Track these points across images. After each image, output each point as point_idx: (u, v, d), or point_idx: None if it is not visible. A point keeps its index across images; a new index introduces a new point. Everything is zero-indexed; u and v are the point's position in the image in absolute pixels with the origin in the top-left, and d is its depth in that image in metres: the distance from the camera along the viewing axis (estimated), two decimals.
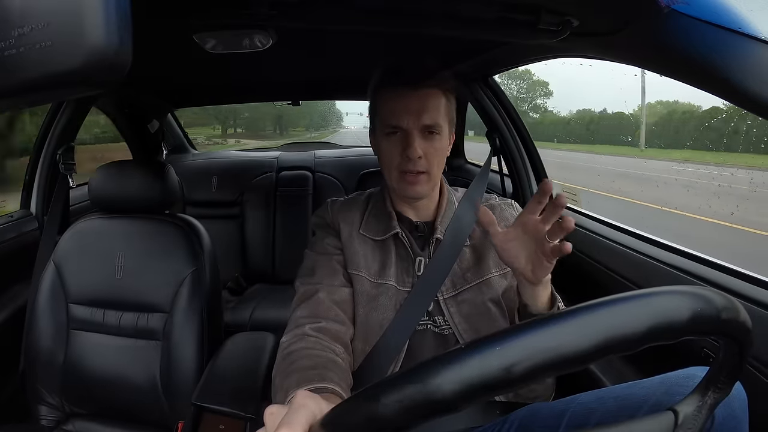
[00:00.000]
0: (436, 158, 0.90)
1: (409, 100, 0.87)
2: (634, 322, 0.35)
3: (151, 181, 1.27)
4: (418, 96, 0.88)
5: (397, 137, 0.89)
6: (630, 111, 14.03)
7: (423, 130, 0.88)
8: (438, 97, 0.89)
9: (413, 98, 0.88)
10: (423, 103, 0.87)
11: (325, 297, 0.90)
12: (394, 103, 0.89)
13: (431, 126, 0.88)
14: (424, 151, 0.88)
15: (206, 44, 1.00)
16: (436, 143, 0.89)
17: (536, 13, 0.73)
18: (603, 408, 0.69)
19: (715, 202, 5.53)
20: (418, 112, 0.87)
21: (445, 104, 0.91)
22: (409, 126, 0.88)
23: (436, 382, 0.34)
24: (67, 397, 1.24)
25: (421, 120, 0.87)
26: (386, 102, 0.90)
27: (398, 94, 0.88)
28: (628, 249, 1.19)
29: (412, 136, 0.88)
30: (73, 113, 1.54)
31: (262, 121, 11.16)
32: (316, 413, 0.42)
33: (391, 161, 0.90)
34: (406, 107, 0.87)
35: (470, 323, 0.91)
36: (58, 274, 1.26)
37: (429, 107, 0.88)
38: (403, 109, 0.88)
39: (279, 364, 0.80)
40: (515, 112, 1.75)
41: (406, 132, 0.88)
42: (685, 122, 9.44)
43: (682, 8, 0.57)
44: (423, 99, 0.88)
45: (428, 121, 0.88)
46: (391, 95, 0.89)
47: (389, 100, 0.90)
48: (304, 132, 15.00)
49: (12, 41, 0.26)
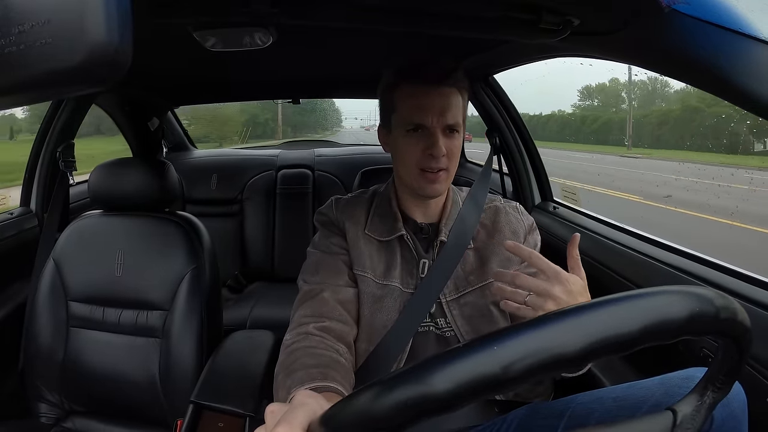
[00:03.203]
0: (455, 156, 0.90)
1: (432, 99, 0.87)
2: (631, 322, 0.35)
3: (151, 179, 1.27)
4: (440, 94, 0.88)
5: (419, 135, 0.89)
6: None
7: (445, 129, 0.88)
8: (456, 95, 0.90)
9: (436, 96, 0.88)
10: (446, 102, 0.88)
11: (329, 296, 0.90)
12: (417, 100, 0.88)
13: (453, 125, 0.89)
14: (446, 149, 0.88)
15: (207, 42, 0.99)
16: (456, 141, 0.90)
17: (537, 13, 0.73)
18: (602, 408, 0.69)
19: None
20: (442, 111, 0.87)
21: (462, 103, 0.91)
22: (433, 124, 0.87)
23: (433, 381, 0.34)
24: (66, 394, 1.24)
25: (444, 119, 0.88)
26: (407, 99, 0.90)
27: (420, 92, 0.88)
28: (627, 248, 1.19)
29: (436, 134, 0.87)
30: (73, 111, 1.54)
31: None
32: (317, 412, 0.43)
33: (412, 159, 0.89)
34: (430, 105, 0.87)
35: (472, 326, 0.91)
36: (57, 271, 1.26)
37: (451, 106, 0.88)
38: (427, 107, 0.87)
39: (282, 362, 0.80)
40: (515, 111, 1.74)
41: (430, 130, 0.88)
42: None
43: (682, 8, 0.57)
44: (445, 97, 0.88)
45: (451, 121, 0.88)
46: (413, 92, 0.89)
47: (411, 96, 0.89)
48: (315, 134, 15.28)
49: (12, 38, 0.26)
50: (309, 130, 5.35)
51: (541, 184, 1.76)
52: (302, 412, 0.43)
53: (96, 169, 1.29)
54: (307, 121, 5.64)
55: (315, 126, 6.00)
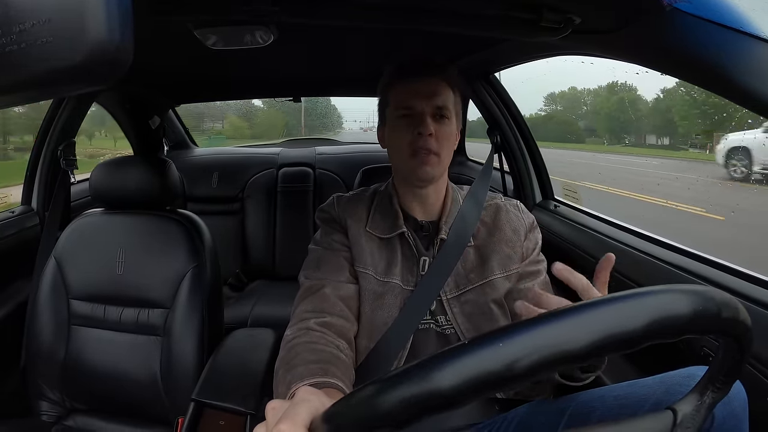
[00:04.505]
0: (446, 142, 0.92)
1: (420, 85, 0.92)
2: (636, 319, 0.35)
3: (152, 177, 1.27)
4: (429, 82, 0.92)
5: (409, 119, 0.91)
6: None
7: (434, 112, 0.91)
8: (446, 87, 0.93)
9: (424, 84, 0.92)
10: (434, 89, 0.92)
11: (330, 292, 0.90)
12: (406, 87, 0.93)
13: (442, 108, 0.91)
14: (435, 132, 0.90)
15: (207, 40, 0.99)
16: (445, 126, 0.92)
17: (538, 11, 0.72)
18: (603, 406, 0.69)
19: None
20: (430, 96, 0.91)
21: (453, 97, 0.94)
22: (422, 108, 0.90)
23: (439, 377, 0.34)
24: (67, 392, 1.25)
25: (432, 102, 0.91)
26: (398, 91, 0.94)
27: (410, 82, 0.93)
28: (628, 247, 1.19)
29: (424, 115, 0.90)
30: (74, 109, 1.54)
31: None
32: (319, 408, 0.42)
33: (403, 142, 0.92)
34: (418, 91, 0.91)
35: (472, 323, 0.91)
36: (59, 269, 1.26)
37: (440, 92, 0.92)
38: (415, 93, 0.91)
39: (282, 357, 0.80)
40: (516, 109, 1.74)
41: (420, 113, 0.90)
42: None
43: (684, 6, 0.57)
44: (434, 85, 0.92)
45: (439, 103, 0.91)
46: (404, 83, 0.93)
47: (401, 88, 0.94)
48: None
49: (13, 37, 0.26)
50: (317, 132, 6.61)
51: (542, 182, 1.76)
52: (305, 408, 0.43)
53: (97, 167, 1.29)
54: (317, 124, 6.83)
55: (321, 128, 7.12)
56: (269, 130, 8.25)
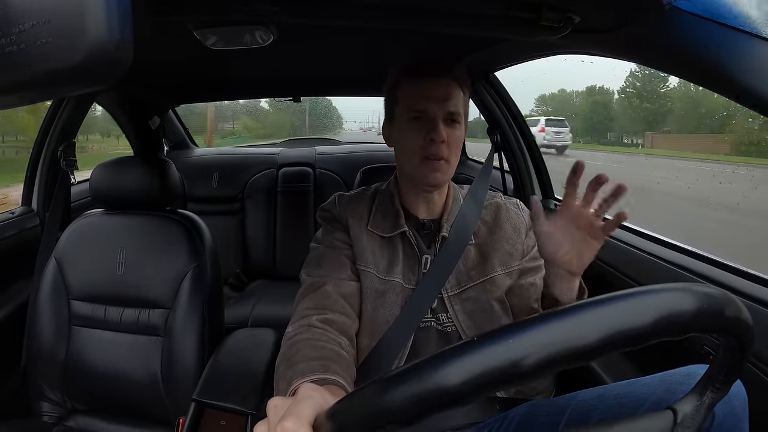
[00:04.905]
0: (456, 147, 0.91)
1: (433, 88, 0.90)
2: (642, 316, 0.35)
3: (152, 178, 1.27)
4: (441, 84, 0.90)
5: (421, 122, 0.90)
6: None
7: (447, 117, 0.90)
8: (457, 89, 0.91)
9: (437, 86, 0.90)
10: (447, 92, 0.90)
11: (332, 289, 0.90)
12: (419, 89, 0.91)
13: (454, 114, 0.90)
14: (446, 137, 0.89)
15: (207, 40, 0.99)
16: (456, 131, 0.91)
17: (538, 10, 0.72)
18: (603, 406, 0.69)
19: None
20: (443, 99, 0.89)
21: (463, 97, 0.93)
22: (434, 112, 0.89)
23: (447, 374, 0.34)
24: (68, 393, 1.25)
25: (445, 107, 0.89)
26: (410, 90, 0.92)
27: (422, 83, 0.91)
28: (629, 246, 1.19)
29: (437, 121, 0.89)
30: (74, 110, 1.54)
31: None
32: (322, 405, 0.42)
33: (413, 145, 0.90)
34: (432, 94, 0.89)
35: (474, 321, 0.91)
36: (59, 270, 1.26)
37: (452, 95, 0.90)
38: (428, 95, 0.89)
39: (284, 354, 0.80)
40: (516, 108, 1.74)
41: (432, 117, 0.89)
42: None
43: (683, 5, 0.57)
44: (446, 87, 0.90)
45: (452, 108, 0.90)
46: (416, 84, 0.91)
47: (413, 87, 0.92)
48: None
49: (13, 38, 0.26)
50: (318, 131, 6.82)
51: (542, 181, 1.76)
52: (308, 405, 0.42)
53: (97, 168, 1.29)
54: (317, 124, 7.03)
55: (322, 128, 7.35)
56: (278, 130, 8.77)
